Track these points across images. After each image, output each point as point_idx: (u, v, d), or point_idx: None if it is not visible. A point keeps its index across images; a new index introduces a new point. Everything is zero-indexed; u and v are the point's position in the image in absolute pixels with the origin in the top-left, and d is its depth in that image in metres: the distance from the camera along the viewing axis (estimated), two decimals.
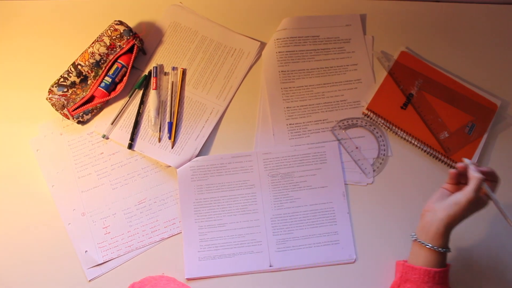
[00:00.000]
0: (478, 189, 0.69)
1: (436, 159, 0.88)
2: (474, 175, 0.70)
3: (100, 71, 0.90)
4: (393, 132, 0.90)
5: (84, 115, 0.89)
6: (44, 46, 0.97)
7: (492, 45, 0.96)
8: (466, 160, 0.73)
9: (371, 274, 0.82)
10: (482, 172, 0.71)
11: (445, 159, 0.87)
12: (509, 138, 0.90)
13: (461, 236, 0.82)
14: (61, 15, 0.99)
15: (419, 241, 0.72)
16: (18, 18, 0.99)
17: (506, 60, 0.95)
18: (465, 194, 0.69)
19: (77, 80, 0.91)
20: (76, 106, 0.88)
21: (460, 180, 0.74)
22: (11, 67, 0.95)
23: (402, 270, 0.74)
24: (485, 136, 0.88)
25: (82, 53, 0.90)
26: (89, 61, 0.89)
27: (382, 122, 0.90)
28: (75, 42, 0.94)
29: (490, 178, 0.73)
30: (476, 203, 0.70)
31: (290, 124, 0.90)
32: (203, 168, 0.87)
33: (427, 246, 0.71)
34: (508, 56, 0.95)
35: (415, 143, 0.88)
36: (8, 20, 0.98)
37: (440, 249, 0.70)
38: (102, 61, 0.90)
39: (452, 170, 0.74)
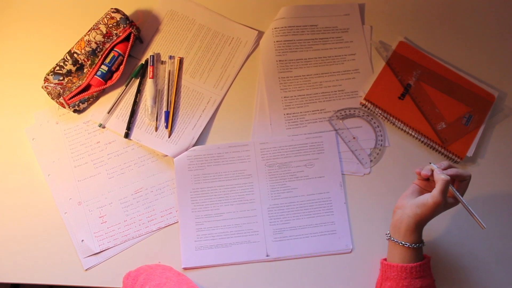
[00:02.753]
0: (445, 192, 0.69)
1: (433, 149, 0.88)
2: (440, 177, 0.69)
3: (97, 60, 0.89)
4: (391, 122, 0.89)
5: (81, 104, 0.89)
6: (39, 34, 0.96)
7: (491, 36, 0.95)
8: (433, 165, 0.72)
9: (367, 264, 0.83)
10: (450, 174, 0.70)
11: (442, 150, 0.87)
12: (506, 129, 0.90)
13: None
14: (57, 3, 0.98)
15: (393, 239, 0.72)
16: (13, 6, 0.97)
17: (504, 51, 0.94)
18: (433, 196, 0.69)
19: (73, 69, 0.90)
20: (72, 94, 0.88)
21: (430, 177, 0.73)
22: (6, 55, 0.95)
23: (382, 268, 0.75)
24: (482, 127, 0.88)
25: (78, 41, 0.89)
26: (85, 49, 0.89)
27: (380, 112, 0.89)
28: (71, 30, 0.94)
29: (459, 179, 0.72)
30: (444, 205, 0.69)
31: (287, 114, 0.90)
32: (200, 157, 0.87)
33: (400, 244, 0.71)
34: (506, 47, 0.94)
35: (413, 133, 0.88)
36: (3, 9, 0.97)
37: (413, 245, 0.71)
38: (98, 50, 0.89)
39: (418, 170, 0.74)
